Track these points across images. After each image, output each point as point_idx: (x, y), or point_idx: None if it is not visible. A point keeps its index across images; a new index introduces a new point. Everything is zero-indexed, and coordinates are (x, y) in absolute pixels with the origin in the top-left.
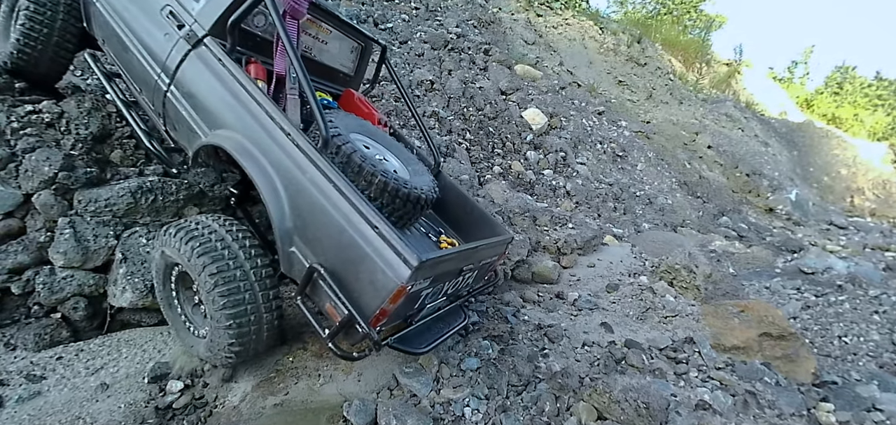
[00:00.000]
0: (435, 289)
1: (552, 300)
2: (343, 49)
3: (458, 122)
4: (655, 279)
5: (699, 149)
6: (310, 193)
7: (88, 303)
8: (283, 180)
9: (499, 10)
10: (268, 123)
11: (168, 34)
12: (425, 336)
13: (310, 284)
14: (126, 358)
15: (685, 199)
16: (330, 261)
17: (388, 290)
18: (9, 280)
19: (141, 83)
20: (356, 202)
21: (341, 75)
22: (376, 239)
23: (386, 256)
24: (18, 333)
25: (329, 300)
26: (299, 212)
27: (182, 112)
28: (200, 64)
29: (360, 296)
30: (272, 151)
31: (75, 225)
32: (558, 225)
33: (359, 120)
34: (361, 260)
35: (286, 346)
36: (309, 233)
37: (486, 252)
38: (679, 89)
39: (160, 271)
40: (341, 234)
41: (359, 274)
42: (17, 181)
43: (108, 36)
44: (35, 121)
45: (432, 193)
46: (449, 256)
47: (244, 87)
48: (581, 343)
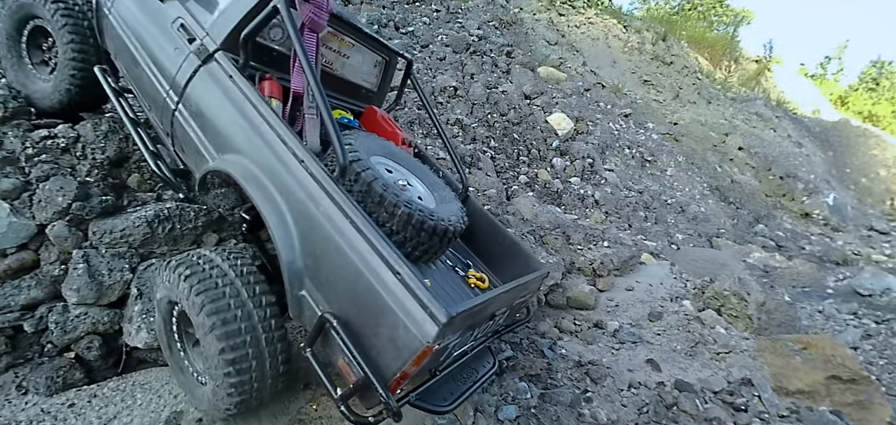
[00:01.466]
0: (463, 338)
1: (591, 330)
2: (366, 63)
3: (482, 130)
4: (701, 305)
5: (729, 150)
6: (323, 229)
7: (103, 341)
8: (294, 213)
9: (520, 10)
10: (279, 147)
11: (178, 48)
12: (450, 387)
13: (320, 335)
14: (141, 406)
15: (718, 206)
16: (344, 310)
17: (411, 351)
18: (21, 317)
19: (151, 101)
20: (376, 243)
21: (363, 91)
22: (399, 288)
23: (409, 310)
24: (31, 375)
25: (342, 355)
26: (311, 250)
27: (190, 133)
28: (210, 80)
29: (379, 354)
30: (283, 179)
31: (89, 258)
32: (592, 242)
33: (381, 141)
34: (381, 312)
35: (310, 391)
36: (321, 275)
37: (522, 291)
38: (707, 88)
39: (162, 308)
40: (358, 280)
41: (377, 328)
42: (31, 211)
43: (119, 49)
44: (50, 146)
45: (460, 224)
46: (481, 304)
47: (254, 107)
48: (627, 384)
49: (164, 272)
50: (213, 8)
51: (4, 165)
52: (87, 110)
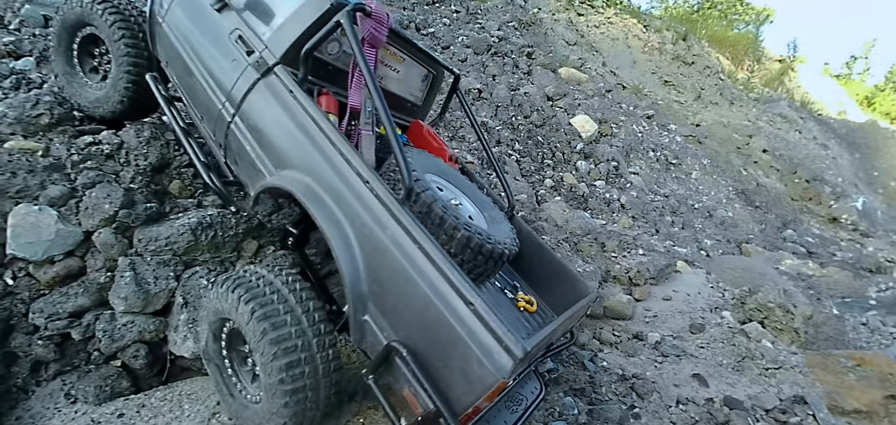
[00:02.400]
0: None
1: (631, 341)
2: (413, 77)
3: (506, 132)
4: (742, 316)
5: (754, 153)
6: (391, 255)
7: (149, 349)
8: (359, 236)
9: (539, 11)
10: (343, 167)
11: (235, 61)
12: (503, 416)
13: (385, 365)
14: (188, 417)
15: (745, 211)
16: (412, 339)
17: (485, 386)
18: (70, 324)
19: (203, 111)
20: (448, 272)
21: (408, 104)
22: (472, 319)
23: (484, 343)
24: (79, 383)
25: (409, 386)
26: (377, 275)
27: (246, 146)
28: (269, 95)
29: (449, 387)
30: (347, 201)
31: (136, 266)
32: (627, 250)
33: (432, 158)
34: (453, 344)
35: (355, 404)
36: (388, 302)
37: (577, 317)
38: (729, 89)
39: (211, 324)
40: (428, 309)
41: (448, 360)
42: (77, 218)
43: (171, 58)
44: (95, 152)
45: (514, 246)
46: (549, 335)
47: (317, 125)
48: (674, 400)
49: (216, 289)
50: (270, 20)
51: (52, 172)
52: (136, 117)
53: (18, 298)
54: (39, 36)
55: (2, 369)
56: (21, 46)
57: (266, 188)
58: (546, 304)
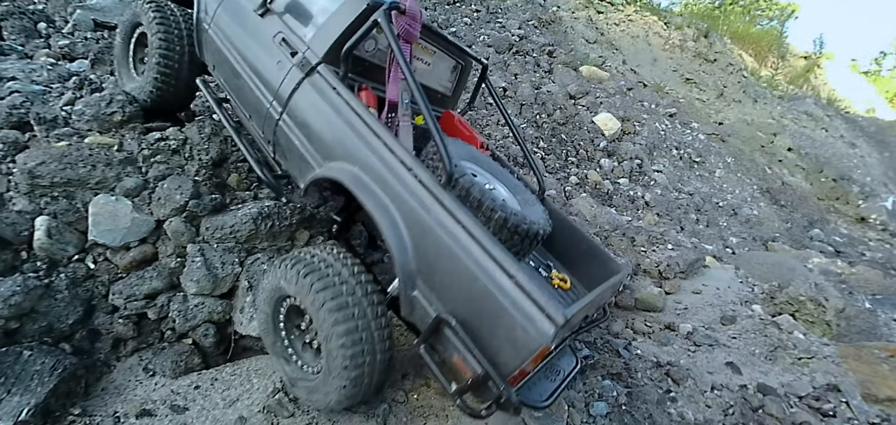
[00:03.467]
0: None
1: (663, 331)
2: (443, 68)
3: (531, 130)
4: (773, 309)
5: (778, 151)
6: (436, 235)
7: (216, 329)
8: (406, 219)
9: (558, 9)
10: (387, 156)
11: (281, 62)
12: (542, 385)
13: (435, 335)
14: (258, 389)
15: (770, 209)
16: (460, 311)
17: (530, 350)
18: (146, 305)
19: (251, 110)
20: (490, 248)
21: (438, 95)
22: (515, 290)
23: (527, 311)
24: (155, 359)
25: (458, 353)
26: (424, 254)
27: (294, 141)
28: (314, 92)
29: (497, 353)
30: (392, 187)
31: (205, 252)
32: (656, 245)
33: (465, 146)
34: (498, 314)
35: (408, 381)
36: (435, 278)
37: (611, 292)
38: (752, 86)
39: (270, 302)
40: (473, 283)
41: (495, 329)
42: (149, 208)
43: (219, 62)
44: (163, 147)
45: (548, 226)
46: (588, 305)
47: (361, 117)
48: (709, 385)
49: (276, 269)
50: (310, 22)
51: (126, 165)
52: (172, 109)
53: (99, 281)
54: (91, 39)
55: (87, 345)
56: (75, 49)
57: (316, 179)
58: (579, 282)
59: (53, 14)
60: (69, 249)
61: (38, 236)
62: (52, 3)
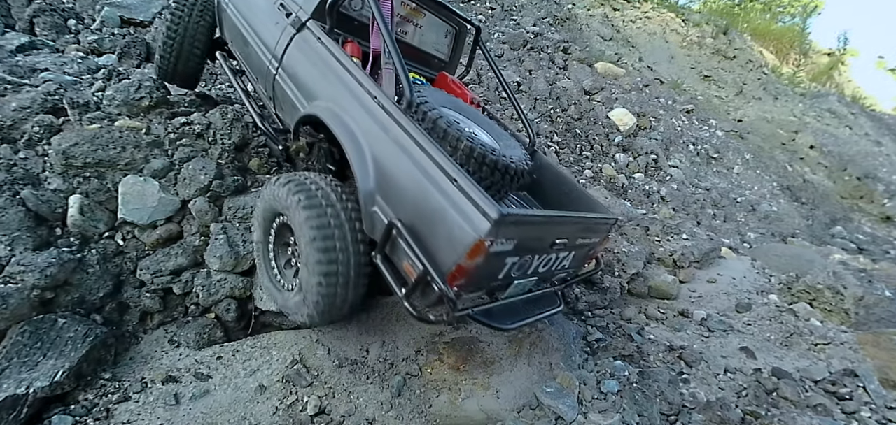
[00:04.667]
0: (522, 262)
1: (676, 318)
2: (437, 33)
3: (545, 125)
4: (790, 298)
5: (800, 149)
6: (392, 151)
7: (238, 304)
8: (369, 142)
9: (574, 6)
10: (357, 90)
11: (278, 23)
12: (513, 315)
13: (389, 242)
14: (277, 361)
15: (790, 206)
16: (409, 216)
17: (465, 245)
18: (171, 281)
19: (257, 73)
20: (435, 156)
21: (436, 61)
22: (455, 192)
23: (464, 209)
24: (180, 331)
25: (407, 258)
26: (382, 171)
27: (287, 91)
28: (303, 44)
29: (437, 252)
30: (360, 116)
31: (227, 231)
32: (670, 235)
33: (448, 96)
34: (439, 214)
35: (422, 356)
36: (390, 191)
37: (582, 229)
38: (773, 83)
39: (263, 219)
40: (420, 189)
41: (436, 229)
42: (175, 188)
43: (234, 37)
44: (188, 131)
45: (522, 164)
46: (535, 219)
47: (336, 58)
48: (722, 368)
49: (273, 185)
50: None
51: (153, 148)
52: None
53: (128, 257)
54: (118, 35)
55: (117, 316)
56: (103, 44)
57: (300, 119)
58: None
59: (82, 11)
60: (100, 226)
61: (71, 213)
62: (82, 1)
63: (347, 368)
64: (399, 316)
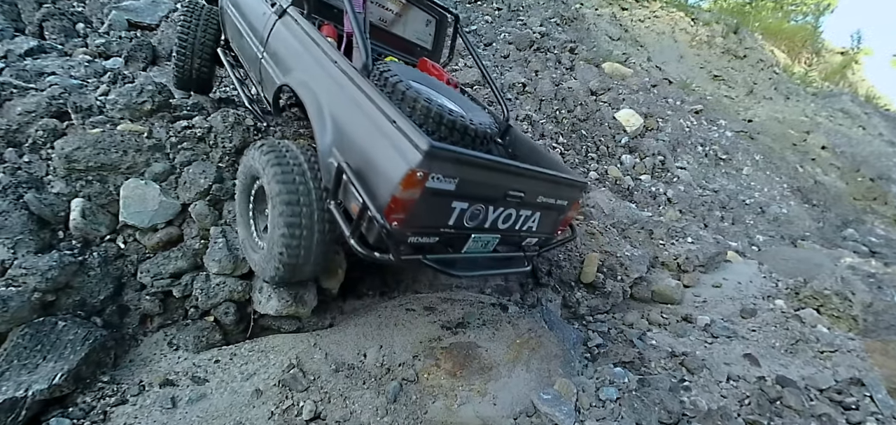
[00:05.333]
0: (474, 211)
1: (679, 323)
2: (419, 23)
3: (550, 126)
4: (796, 304)
5: (811, 150)
6: (347, 107)
7: (237, 307)
8: (328, 101)
9: (581, 5)
10: (322, 58)
11: (265, 13)
12: (472, 267)
13: (339, 186)
14: (274, 365)
15: (800, 208)
16: (356, 161)
17: (399, 175)
18: (171, 284)
19: (248, 60)
20: (381, 104)
21: (418, 49)
22: (394, 132)
23: (398, 143)
24: (179, 334)
25: (354, 200)
26: (338, 125)
27: (269, 70)
28: (283, 28)
29: (377, 188)
30: (323, 80)
31: (226, 234)
32: (675, 238)
33: (422, 73)
34: (380, 153)
35: (419, 361)
36: (344, 142)
37: (543, 186)
38: (784, 83)
39: (244, 182)
40: (367, 135)
41: (377, 167)
42: (176, 192)
43: (232, 34)
44: (189, 135)
45: (485, 128)
46: (473, 159)
47: (307, 34)
48: (725, 376)
49: (254, 150)
50: None
51: (155, 151)
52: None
53: (128, 260)
54: (124, 38)
55: (117, 319)
56: (110, 48)
57: (277, 89)
58: None
59: (91, 15)
60: (102, 229)
61: (73, 217)
62: (90, 5)
63: (344, 373)
64: (397, 321)
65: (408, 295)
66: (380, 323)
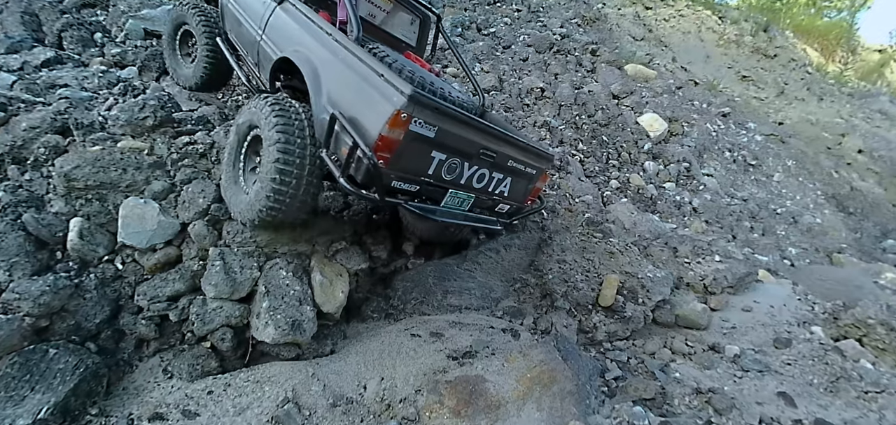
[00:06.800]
0: (451, 163)
1: (706, 353)
2: (403, 20)
3: (569, 132)
4: (835, 332)
5: (847, 154)
6: (339, 69)
7: (234, 333)
8: (322, 66)
9: (604, 5)
10: (316, 31)
11: (265, 3)
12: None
13: (332, 136)
14: (269, 399)
15: (835, 217)
16: (347, 111)
17: (385, 115)
18: (168, 307)
19: (247, 46)
20: (371, 62)
21: (404, 45)
22: (381, 83)
23: (384, 90)
24: (175, 360)
25: (344, 144)
26: (331, 84)
27: (267, 50)
28: (282, 12)
29: (366, 129)
30: (318, 51)
31: (225, 256)
32: (701, 256)
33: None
34: (369, 100)
35: (422, 396)
36: (336, 97)
37: (512, 150)
38: (817, 83)
39: (241, 130)
40: (357, 88)
41: (366, 112)
42: (175, 211)
43: (231, 24)
44: (191, 151)
45: (463, 101)
46: (450, 110)
47: (304, 14)
48: (757, 418)
49: (255, 101)
50: None
51: (155, 169)
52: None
53: (126, 281)
54: (140, 47)
55: (112, 344)
56: (125, 57)
57: (274, 62)
58: None
59: (111, 25)
60: (100, 250)
61: (71, 238)
62: (111, 14)
63: (341, 408)
64: (401, 348)
65: (414, 318)
66: (383, 350)
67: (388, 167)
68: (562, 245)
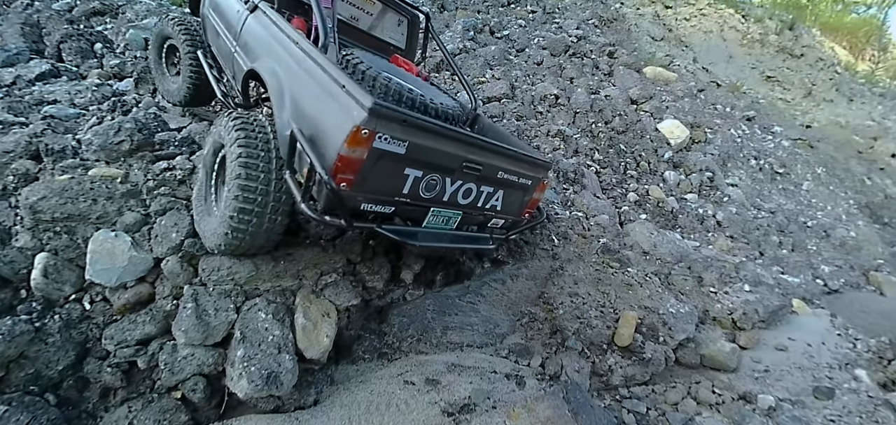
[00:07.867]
0: (429, 181)
1: (736, 403)
2: (390, 22)
3: (585, 141)
4: (882, 377)
5: (880, 158)
6: (302, 79)
7: (207, 382)
8: (287, 77)
9: (621, 5)
10: (283, 40)
11: (238, 11)
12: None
13: (294, 154)
14: None
15: (870, 229)
16: (309, 128)
17: (344, 133)
18: (136, 352)
19: (224, 57)
20: (332, 71)
21: (392, 47)
22: (342, 94)
23: (345, 104)
24: (142, 412)
25: (305, 165)
26: (294, 97)
27: (239, 61)
28: (253, 21)
29: (325, 148)
30: (282, 59)
31: (198, 297)
32: (729, 284)
33: (389, 64)
34: (329, 115)
35: None
36: (299, 112)
37: (502, 161)
38: (847, 83)
39: (212, 149)
40: (318, 101)
41: (326, 129)
42: (149, 244)
43: (211, 36)
44: (169, 178)
45: (445, 108)
46: (420, 121)
47: (272, 21)
48: None
49: (220, 120)
50: None
51: (129, 198)
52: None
53: (94, 323)
54: (139, 58)
55: (75, 394)
56: (124, 68)
57: (244, 74)
58: None
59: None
60: (66, 289)
61: (34, 276)
62: (115, 25)
63: None
64: (392, 399)
65: (410, 358)
66: (371, 402)
67: (353, 189)
68: (574, 276)
